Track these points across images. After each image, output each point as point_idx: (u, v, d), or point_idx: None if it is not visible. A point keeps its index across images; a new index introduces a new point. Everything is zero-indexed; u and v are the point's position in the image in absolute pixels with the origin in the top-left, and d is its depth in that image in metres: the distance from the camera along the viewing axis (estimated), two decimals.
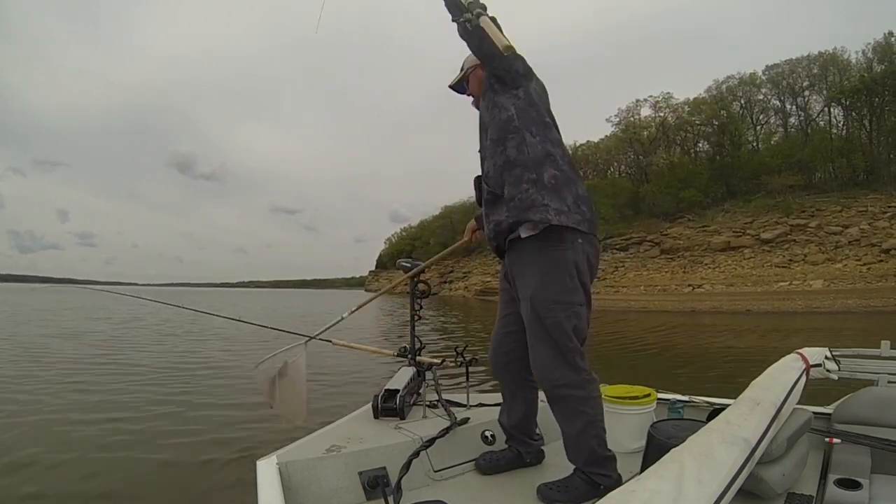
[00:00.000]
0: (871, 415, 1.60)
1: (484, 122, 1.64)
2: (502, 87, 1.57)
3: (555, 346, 1.47)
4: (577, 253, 1.48)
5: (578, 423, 1.48)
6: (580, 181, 1.56)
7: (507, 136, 1.52)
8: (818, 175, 34.95)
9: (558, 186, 1.48)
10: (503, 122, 1.54)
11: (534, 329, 1.51)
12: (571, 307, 1.47)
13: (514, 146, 1.51)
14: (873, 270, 24.09)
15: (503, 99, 1.56)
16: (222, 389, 5.70)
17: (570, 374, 1.47)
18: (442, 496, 1.39)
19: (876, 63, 34.44)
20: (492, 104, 1.59)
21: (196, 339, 10.57)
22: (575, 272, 1.48)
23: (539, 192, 1.46)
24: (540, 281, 1.48)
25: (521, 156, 1.49)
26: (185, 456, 3.44)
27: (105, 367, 6.88)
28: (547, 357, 1.49)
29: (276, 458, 1.45)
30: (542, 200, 1.46)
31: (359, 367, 7.03)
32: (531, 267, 1.51)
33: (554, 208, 1.45)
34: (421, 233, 77.35)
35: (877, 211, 27.96)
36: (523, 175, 1.48)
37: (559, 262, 1.47)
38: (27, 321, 14.52)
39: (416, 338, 2.24)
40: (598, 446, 1.49)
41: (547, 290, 1.47)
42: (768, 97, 40.44)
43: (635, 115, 45.70)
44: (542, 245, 1.48)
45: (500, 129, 1.54)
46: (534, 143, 1.51)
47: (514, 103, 1.54)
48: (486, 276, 50.15)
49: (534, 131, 1.52)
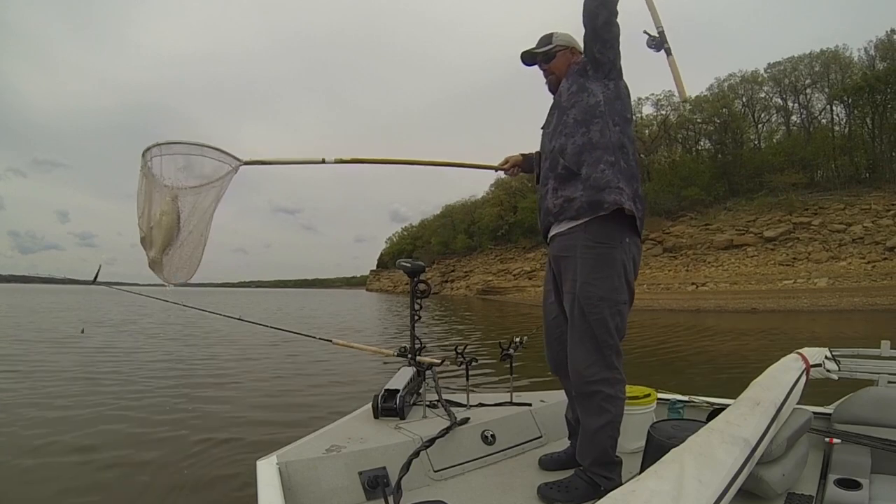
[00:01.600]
0: (871, 415, 1.60)
1: (562, 102, 1.66)
2: (597, 74, 1.60)
3: (595, 343, 1.50)
4: (626, 252, 1.53)
5: (601, 420, 1.50)
6: (640, 180, 1.62)
7: (592, 118, 1.56)
8: (820, 173, 34.81)
9: (630, 176, 1.54)
10: (590, 106, 1.58)
11: (576, 323, 1.53)
12: (616, 305, 1.51)
13: (597, 130, 1.55)
14: (878, 268, 23.96)
15: (594, 85, 1.59)
16: (222, 389, 5.71)
17: (604, 371, 1.50)
18: (442, 496, 1.40)
19: (878, 61, 34.24)
20: (579, 87, 1.62)
21: (194, 339, 10.59)
22: (622, 271, 1.52)
23: (615, 175, 1.51)
24: (588, 276, 1.51)
25: (604, 139, 1.54)
26: (186, 456, 3.45)
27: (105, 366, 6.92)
28: (586, 352, 1.51)
29: (276, 457, 1.45)
30: (617, 183, 1.50)
31: (359, 367, 7.03)
32: (581, 260, 1.53)
33: (628, 193, 1.51)
34: (422, 232, 77.25)
35: (880, 209, 27.82)
36: (602, 157, 1.53)
37: (609, 259, 1.51)
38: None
39: (416, 338, 2.24)
40: (611, 447, 1.51)
41: (594, 287, 1.50)
42: (770, 95, 40.26)
43: (638, 114, 45.59)
44: (595, 241, 1.52)
45: (586, 112, 1.58)
46: (615, 131, 1.56)
47: (603, 92, 1.58)
48: (487, 274, 50.12)
49: (616, 120, 1.57)
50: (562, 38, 1.76)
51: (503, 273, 47.52)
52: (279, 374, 6.66)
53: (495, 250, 53.26)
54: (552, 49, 1.75)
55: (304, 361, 7.51)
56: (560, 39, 1.76)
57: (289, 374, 6.61)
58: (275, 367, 7.15)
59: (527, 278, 40.58)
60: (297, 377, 6.43)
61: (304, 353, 7.95)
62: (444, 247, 62.32)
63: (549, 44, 1.77)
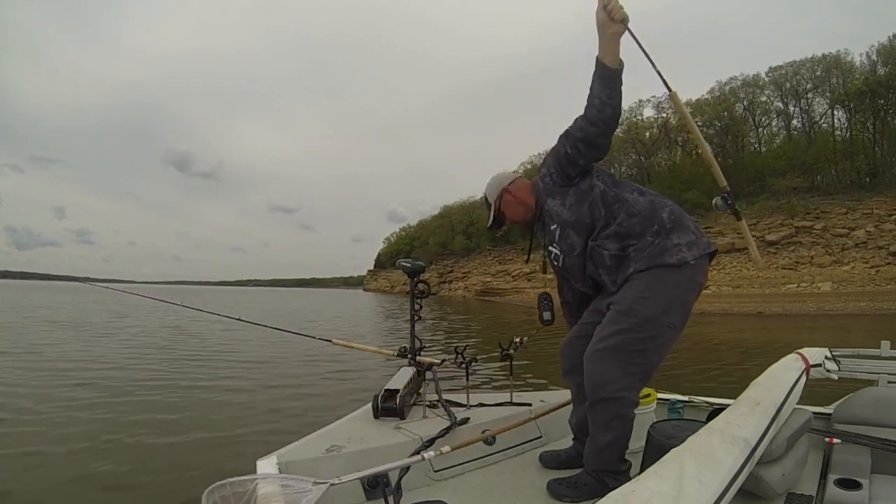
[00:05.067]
0: (871, 415, 1.60)
1: (565, 219, 1.59)
2: (580, 174, 1.57)
3: (625, 359, 1.45)
4: (684, 276, 1.47)
5: (609, 436, 1.48)
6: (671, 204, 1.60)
7: (612, 207, 1.54)
8: (820, 177, 34.81)
9: (680, 221, 1.52)
10: (597, 197, 1.55)
11: (608, 335, 1.48)
12: (660, 328, 1.46)
13: (624, 212, 1.53)
14: (882, 273, 23.91)
15: (586, 182, 1.57)
16: (222, 388, 5.71)
17: (623, 391, 1.46)
18: (442, 496, 1.39)
19: (880, 66, 34.30)
20: (573, 195, 1.58)
21: (196, 338, 10.59)
22: (677, 294, 1.47)
23: (667, 236, 1.49)
24: (639, 296, 1.47)
25: (634, 211, 1.52)
26: (185, 456, 3.45)
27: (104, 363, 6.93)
28: (611, 366, 1.46)
29: (276, 457, 1.45)
30: (673, 242, 1.48)
31: (359, 367, 7.03)
32: (634, 280, 1.49)
33: (686, 243, 1.47)
34: (420, 232, 77.34)
35: (882, 213, 27.82)
36: (646, 227, 1.50)
37: (663, 283, 1.46)
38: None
39: (416, 338, 2.24)
40: (617, 461, 1.51)
41: (641, 306, 1.45)
42: (771, 99, 40.38)
43: (638, 116, 45.64)
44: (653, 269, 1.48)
45: (603, 206, 1.54)
46: (634, 198, 1.55)
47: (597, 178, 1.58)
48: (485, 276, 50.10)
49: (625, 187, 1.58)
50: (494, 187, 1.76)
51: (502, 274, 47.51)
52: (279, 374, 6.66)
53: (494, 251, 53.28)
54: (497, 204, 1.75)
55: (304, 362, 7.50)
56: (493, 189, 1.76)
57: (288, 375, 6.61)
58: (274, 368, 7.15)
59: (526, 280, 40.47)
60: (296, 377, 6.42)
61: (303, 354, 7.94)
62: (443, 247, 62.34)
63: (488, 204, 1.77)
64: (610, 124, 1.47)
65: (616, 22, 1.35)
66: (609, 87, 1.42)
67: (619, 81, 1.43)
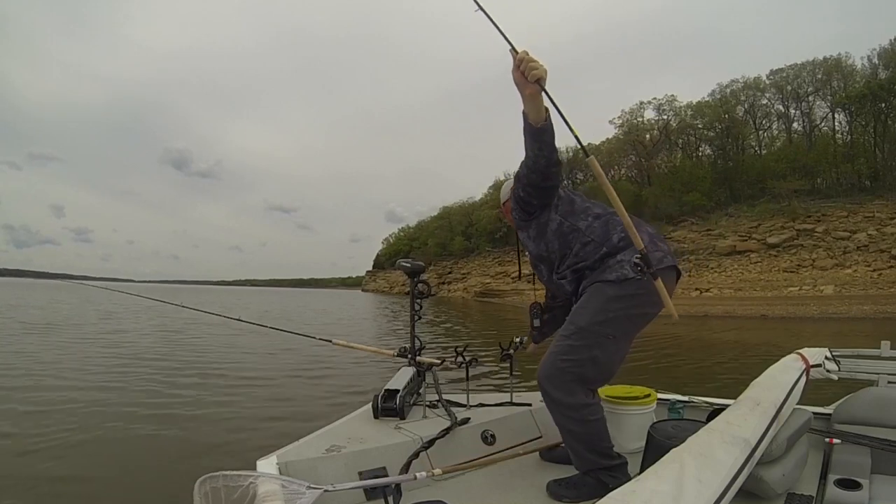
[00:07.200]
0: (871, 415, 1.59)
1: (531, 251, 1.75)
2: (540, 207, 1.66)
3: (563, 367, 1.53)
4: (625, 290, 1.51)
5: (573, 440, 1.56)
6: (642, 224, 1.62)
7: (567, 238, 1.63)
8: (820, 180, 34.76)
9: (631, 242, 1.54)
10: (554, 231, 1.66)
11: (553, 345, 1.60)
12: (597, 337, 1.52)
13: (578, 242, 1.61)
14: (885, 276, 23.83)
15: (545, 215, 1.65)
16: (223, 388, 5.71)
17: (567, 396, 1.53)
18: (442, 496, 1.39)
19: (881, 69, 34.29)
20: (535, 229, 1.69)
21: (195, 337, 10.59)
22: (617, 307, 1.52)
23: (614, 256, 1.55)
24: (577, 308, 1.59)
25: (588, 240, 1.60)
26: (185, 456, 3.45)
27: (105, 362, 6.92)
28: (552, 373, 1.55)
29: (276, 457, 1.45)
30: (617, 259, 1.54)
31: (359, 367, 7.02)
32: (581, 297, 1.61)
33: (629, 260, 1.49)
34: (419, 233, 77.21)
35: (884, 217, 27.76)
36: (597, 251, 1.58)
37: (600, 296, 1.54)
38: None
39: (416, 338, 2.24)
40: (599, 457, 1.53)
41: (577, 316, 1.56)
42: (772, 102, 40.34)
43: (638, 118, 45.65)
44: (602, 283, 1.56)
45: (559, 238, 1.64)
46: (588, 225, 1.61)
47: (555, 210, 1.65)
48: (485, 277, 50.01)
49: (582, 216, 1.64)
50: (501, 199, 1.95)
51: (501, 276, 47.39)
52: (279, 374, 6.66)
53: (493, 252, 53.21)
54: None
55: (304, 362, 7.50)
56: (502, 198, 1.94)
57: (288, 375, 6.61)
58: (274, 368, 7.14)
59: (525, 281, 40.34)
60: (296, 377, 6.42)
61: (303, 354, 7.94)
62: (442, 248, 62.28)
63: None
64: (547, 172, 1.52)
65: (531, 83, 1.31)
66: (537, 140, 1.45)
67: (546, 134, 1.44)
